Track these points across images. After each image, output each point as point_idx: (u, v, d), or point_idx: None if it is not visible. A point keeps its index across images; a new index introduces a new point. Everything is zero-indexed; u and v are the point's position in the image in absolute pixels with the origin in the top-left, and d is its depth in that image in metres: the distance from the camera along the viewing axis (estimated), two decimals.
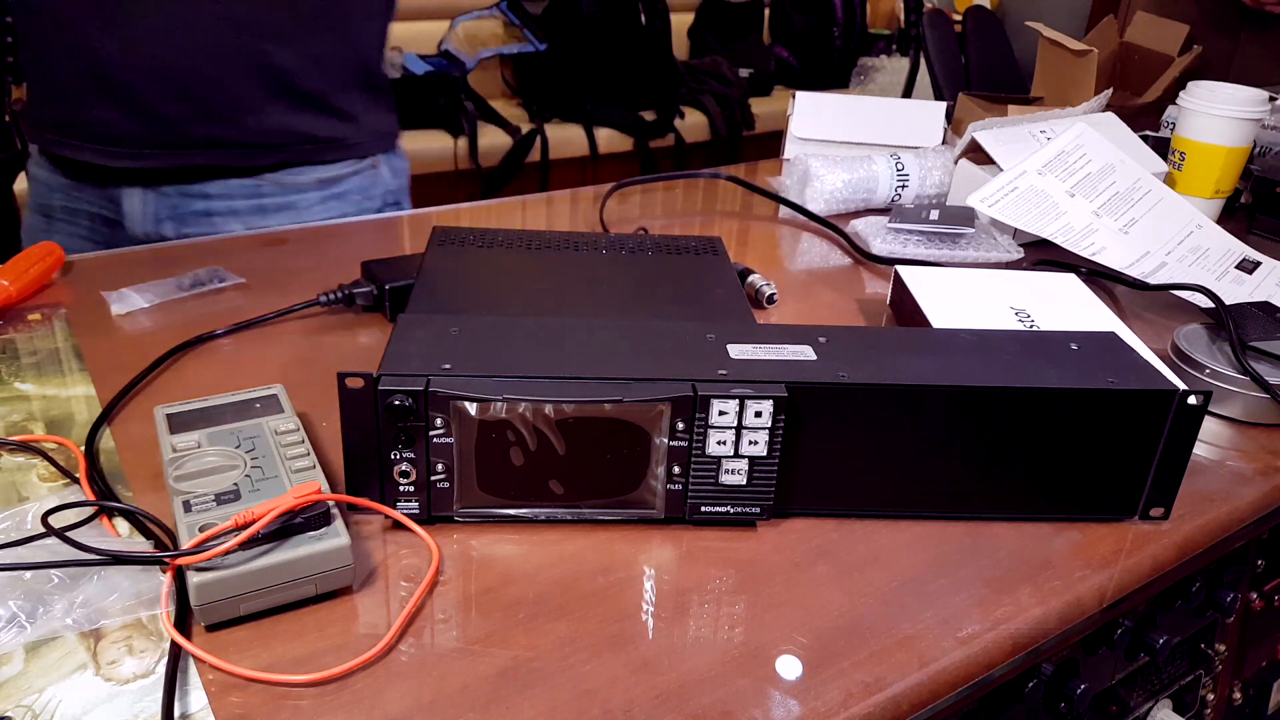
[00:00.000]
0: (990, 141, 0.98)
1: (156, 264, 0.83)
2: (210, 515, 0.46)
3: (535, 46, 2.69)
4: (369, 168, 1.03)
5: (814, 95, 1.16)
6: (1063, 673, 0.57)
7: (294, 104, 0.94)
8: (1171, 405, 0.52)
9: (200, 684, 0.41)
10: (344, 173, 1.01)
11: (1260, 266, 0.90)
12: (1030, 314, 0.71)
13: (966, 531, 0.54)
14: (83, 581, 0.45)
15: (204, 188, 0.94)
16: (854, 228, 0.96)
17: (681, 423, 0.50)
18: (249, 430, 0.53)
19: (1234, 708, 0.76)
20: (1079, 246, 0.88)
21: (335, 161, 1.00)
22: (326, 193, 1.00)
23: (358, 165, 1.02)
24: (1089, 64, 1.30)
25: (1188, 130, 1.03)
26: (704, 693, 0.43)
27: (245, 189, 0.95)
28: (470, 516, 0.52)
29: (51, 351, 0.67)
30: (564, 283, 0.68)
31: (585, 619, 0.46)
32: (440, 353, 0.51)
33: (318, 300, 0.74)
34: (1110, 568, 0.52)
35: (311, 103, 0.95)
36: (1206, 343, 0.72)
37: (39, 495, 0.52)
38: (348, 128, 1.00)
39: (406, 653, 0.44)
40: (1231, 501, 0.59)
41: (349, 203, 1.02)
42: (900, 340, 0.56)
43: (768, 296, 0.80)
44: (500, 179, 2.49)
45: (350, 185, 1.02)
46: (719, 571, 0.50)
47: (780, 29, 3.27)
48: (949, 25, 2.20)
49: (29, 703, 0.40)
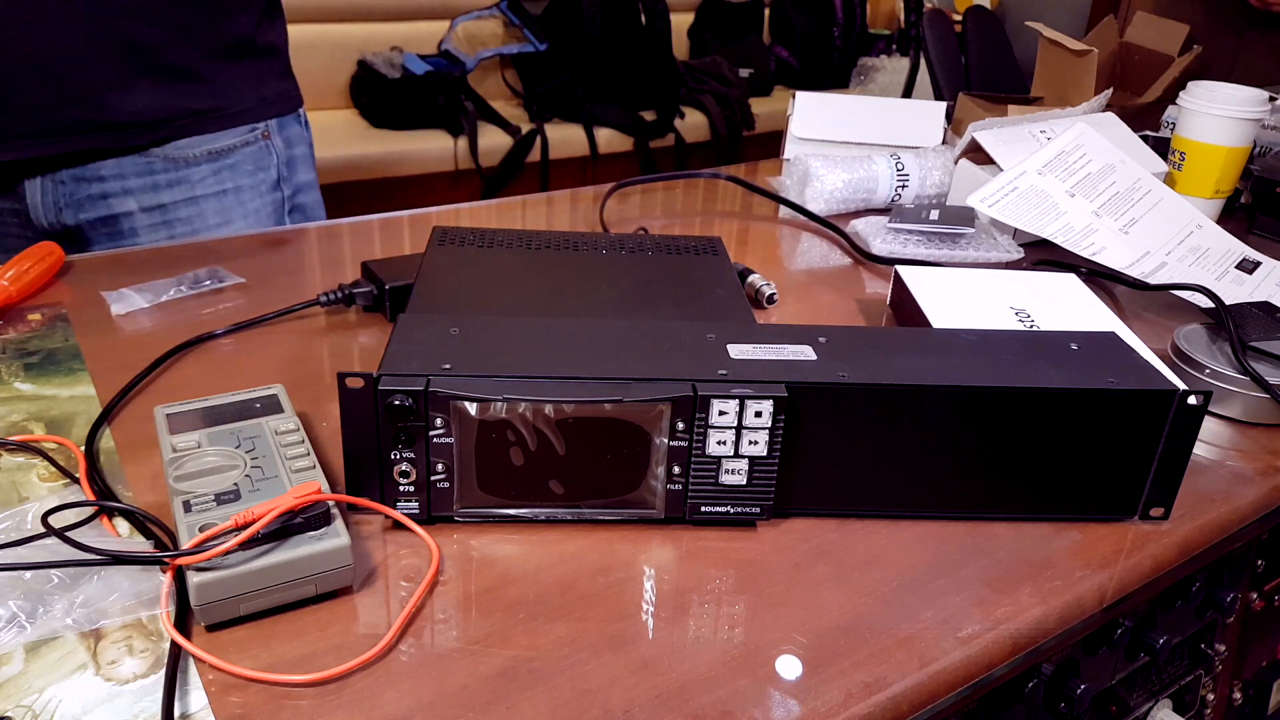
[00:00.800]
0: (990, 141, 0.99)
1: (156, 264, 0.83)
2: (210, 515, 0.46)
3: (535, 46, 2.69)
4: (259, 137, 1.02)
5: (814, 95, 1.16)
6: (1063, 673, 0.57)
7: (163, 79, 0.92)
8: (1171, 405, 0.52)
9: (200, 684, 0.41)
10: (233, 143, 0.99)
11: (1260, 266, 0.90)
12: (1030, 314, 0.71)
13: (966, 531, 0.54)
14: (83, 581, 0.45)
15: (97, 169, 0.93)
16: (854, 228, 0.96)
17: (681, 423, 0.50)
18: (249, 430, 0.53)
19: (1234, 708, 0.76)
20: (1079, 246, 0.88)
21: (220, 131, 0.98)
22: (218, 164, 0.99)
23: (247, 135, 1.00)
24: (1089, 64, 1.30)
25: (1188, 130, 1.03)
26: (704, 693, 0.43)
27: (137, 167, 0.94)
28: (470, 516, 0.52)
29: (51, 351, 0.67)
30: (564, 283, 0.68)
31: (585, 619, 0.46)
32: (440, 353, 0.51)
33: (318, 300, 0.74)
34: (1110, 568, 0.52)
35: (182, 75, 0.94)
36: (1206, 343, 0.72)
37: (39, 495, 0.52)
38: (228, 97, 0.98)
39: (406, 653, 0.44)
40: (1231, 501, 0.59)
41: (241, 173, 1.01)
42: (900, 340, 0.56)
43: (768, 296, 0.80)
44: (500, 179, 2.49)
45: (242, 155, 1.00)
46: (719, 571, 0.50)
47: (780, 29, 3.27)
48: (949, 25, 2.21)
49: (29, 703, 0.40)
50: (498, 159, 2.47)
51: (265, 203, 1.05)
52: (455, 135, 2.42)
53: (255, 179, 1.02)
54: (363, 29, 2.54)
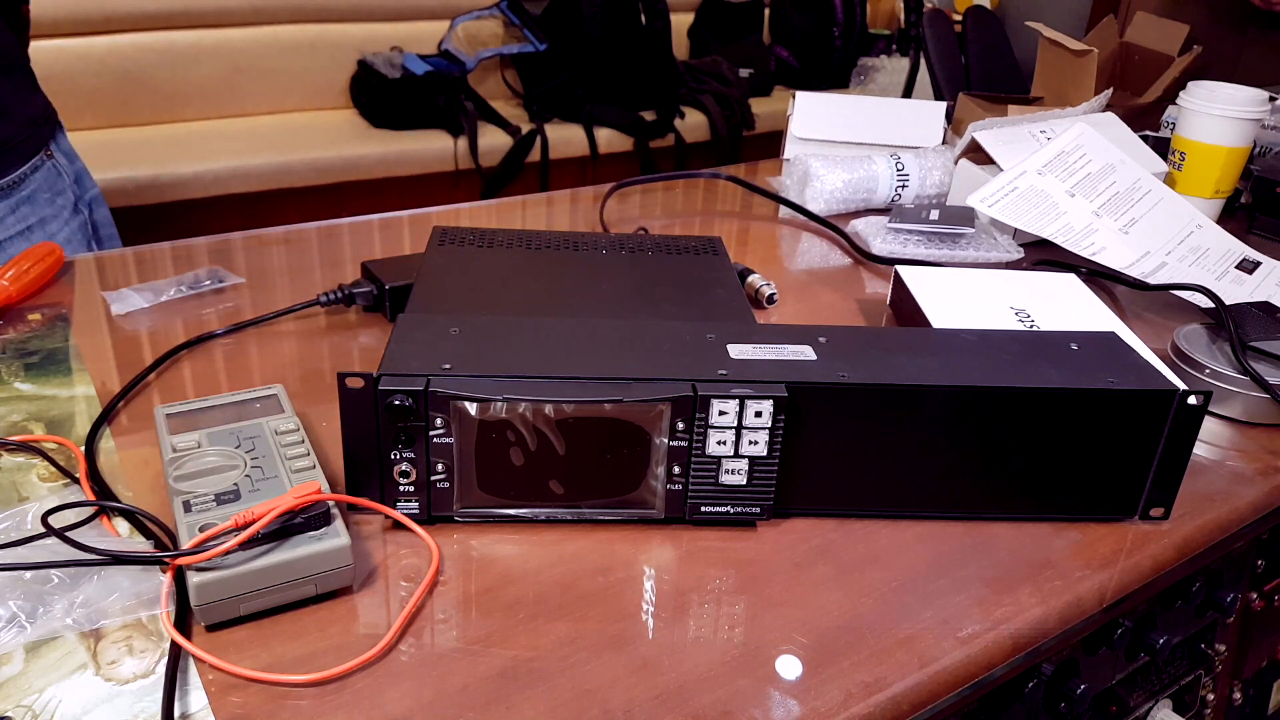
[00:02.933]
0: (990, 141, 0.98)
1: (156, 264, 0.83)
2: (210, 515, 0.46)
3: (535, 46, 2.68)
4: (44, 160, 0.95)
5: (814, 95, 1.16)
6: (1063, 673, 0.57)
7: None
8: (1171, 405, 0.52)
9: (200, 684, 0.41)
10: (24, 173, 0.92)
11: (1260, 266, 0.90)
12: (1030, 314, 0.71)
13: (966, 531, 0.54)
14: (83, 581, 0.45)
15: None
16: (854, 228, 0.96)
17: (681, 423, 0.50)
18: (249, 430, 0.53)
19: (1234, 708, 0.76)
20: (1079, 246, 0.88)
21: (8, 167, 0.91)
22: (14, 199, 0.92)
23: (36, 162, 0.94)
24: (1089, 64, 1.30)
25: (1188, 130, 1.03)
26: (704, 693, 0.43)
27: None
28: (470, 516, 0.52)
29: (51, 351, 0.67)
30: (564, 283, 0.68)
31: (585, 619, 0.46)
32: (440, 353, 0.51)
33: (318, 300, 0.74)
34: (1110, 568, 0.52)
35: None
36: (1206, 343, 0.72)
37: (39, 495, 0.52)
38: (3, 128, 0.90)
39: (406, 653, 0.44)
40: (1231, 501, 0.59)
41: (40, 203, 0.94)
42: (900, 340, 0.56)
43: (768, 296, 0.80)
44: (500, 179, 2.49)
45: (35, 184, 0.94)
46: (719, 571, 0.50)
47: (780, 29, 3.27)
48: (949, 25, 2.20)
49: (29, 703, 0.40)
50: (498, 159, 2.47)
51: (72, 230, 0.98)
52: (455, 135, 2.41)
53: (55, 206, 0.95)
54: (363, 29, 2.54)
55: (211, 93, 2.34)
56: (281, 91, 2.44)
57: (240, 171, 2.08)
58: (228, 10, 2.31)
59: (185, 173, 2.00)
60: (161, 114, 2.26)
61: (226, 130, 2.28)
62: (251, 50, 2.37)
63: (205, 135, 2.22)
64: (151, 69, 2.23)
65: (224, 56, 2.33)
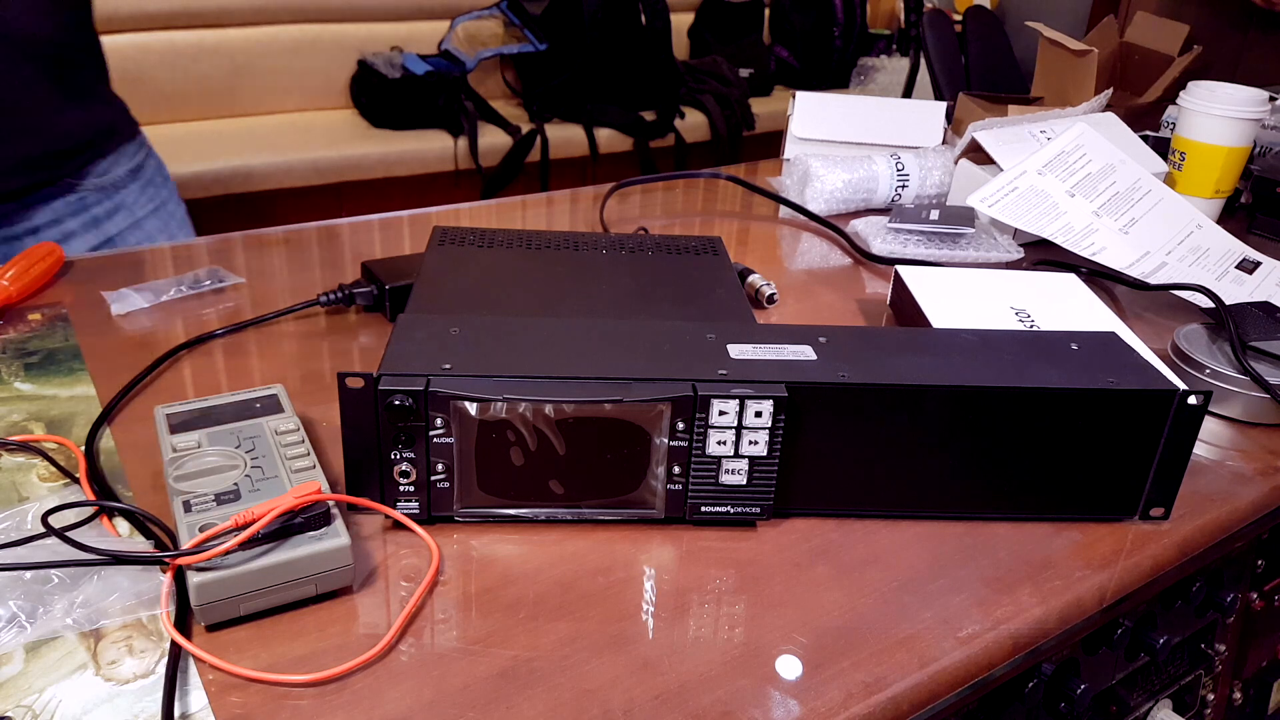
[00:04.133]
0: (990, 141, 0.98)
1: (156, 264, 0.83)
2: (210, 515, 0.46)
3: (535, 46, 2.68)
4: (143, 143, 1.00)
5: (814, 95, 1.16)
6: (1063, 673, 0.57)
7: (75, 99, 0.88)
8: (1171, 405, 0.52)
9: (200, 684, 0.41)
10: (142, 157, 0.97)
11: (1260, 266, 0.90)
12: (1030, 314, 0.71)
13: (966, 531, 0.54)
14: (83, 581, 0.45)
15: (30, 221, 0.88)
16: (854, 228, 0.96)
17: (682, 423, 0.50)
18: (249, 430, 0.53)
19: (1234, 708, 0.76)
20: (1079, 246, 0.88)
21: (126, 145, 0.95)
22: (141, 180, 0.96)
23: (141, 143, 0.99)
24: (1089, 64, 1.30)
25: (1188, 130, 1.03)
26: (704, 693, 0.43)
27: (71, 206, 0.90)
28: (470, 516, 0.52)
29: (51, 351, 0.67)
30: (564, 283, 0.68)
31: (585, 619, 0.46)
32: (440, 353, 0.51)
33: (318, 300, 0.74)
34: (1110, 568, 0.52)
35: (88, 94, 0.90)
36: (1206, 343, 0.72)
37: (39, 495, 0.52)
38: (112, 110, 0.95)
39: (406, 653, 0.44)
40: (1231, 501, 0.59)
41: (158, 184, 0.98)
42: (900, 340, 0.56)
43: (768, 296, 0.80)
44: (500, 179, 2.49)
45: (151, 167, 0.98)
46: (719, 571, 0.50)
47: (780, 29, 3.27)
48: (949, 25, 2.20)
49: (29, 703, 0.40)
50: (498, 159, 2.47)
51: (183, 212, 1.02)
52: (455, 135, 2.41)
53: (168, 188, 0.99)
54: (363, 29, 2.54)
55: (211, 93, 2.34)
56: (281, 91, 2.45)
57: (240, 171, 2.08)
58: (228, 10, 2.31)
59: (186, 173, 2.00)
60: (161, 114, 2.26)
61: (226, 130, 2.29)
62: (251, 50, 2.37)
63: (205, 135, 2.22)
64: (151, 69, 2.23)
65: (224, 56, 2.33)
